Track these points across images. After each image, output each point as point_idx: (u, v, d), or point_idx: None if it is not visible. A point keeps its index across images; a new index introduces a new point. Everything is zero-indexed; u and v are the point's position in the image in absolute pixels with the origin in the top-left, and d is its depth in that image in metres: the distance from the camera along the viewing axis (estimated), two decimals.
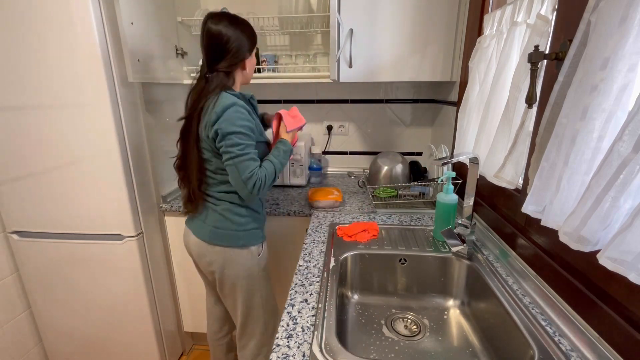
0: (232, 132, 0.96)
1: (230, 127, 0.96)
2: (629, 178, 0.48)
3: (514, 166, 0.82)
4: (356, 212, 1.33)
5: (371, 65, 1.38)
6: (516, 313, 0.74)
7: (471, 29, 1.24)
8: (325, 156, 1.94)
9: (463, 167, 1.27)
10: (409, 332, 0.90)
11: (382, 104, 1.81)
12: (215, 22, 0.99)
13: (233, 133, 0.96)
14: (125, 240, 1.35)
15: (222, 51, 1.01)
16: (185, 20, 1.55)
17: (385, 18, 1.32)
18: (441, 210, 1.06)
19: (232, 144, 0.97)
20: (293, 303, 0.79)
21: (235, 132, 0.97)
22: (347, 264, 1.01)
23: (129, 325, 1.48)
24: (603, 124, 0.55)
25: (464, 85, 1.22)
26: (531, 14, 0.80)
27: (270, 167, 1.05)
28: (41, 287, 1.47)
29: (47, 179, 1.30)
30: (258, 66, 1.60)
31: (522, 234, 0.87)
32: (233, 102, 0.97)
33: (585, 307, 0.64)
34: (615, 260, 0.49)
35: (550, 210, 0.65)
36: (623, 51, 0.50)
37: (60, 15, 1.11)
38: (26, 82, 1.19)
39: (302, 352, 0.65)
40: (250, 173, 0.98)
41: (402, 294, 1.03)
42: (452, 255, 0.99)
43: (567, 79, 0.63)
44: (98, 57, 1.14)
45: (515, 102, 0.81)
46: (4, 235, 1.43)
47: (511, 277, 0.87)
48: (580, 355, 0.62)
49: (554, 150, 0.64)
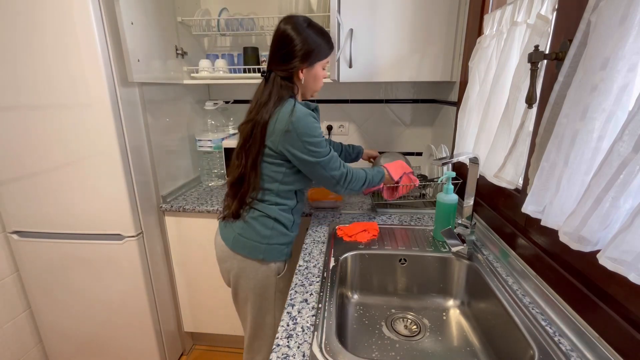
0: (314, 142, 0.96)
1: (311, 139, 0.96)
2: (629, 178, 0.48)
3: (514, 166, 0.82)
4: (356, 212, 1.33)
5: (371, 65, 1.38)
6: (516, 313, 0.74)
7: (471, 29, 1.24)
8: None
9: (463, 167, 1.27)
10: (409, 332, 0.90)
11: (382, 104, 1.81)
12: (284, 22, 0.96)
13: (315, 144, 0.97)
14: (125, 240, 1.35)
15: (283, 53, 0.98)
16: (185, 20, 1.55)
17: (385, 18, 1.32)
18: (441, 210, 1.06)
19: (320, 154, 0.98)
20: (293, 303, 0.79)
21: (317, 143, 0.97)
22: (347, 264, 1.01)
23: (129, 325, 1.48)
24: (603, 124, 0.55)
25: (464, 85, 1.22)
26: (531, 14, 0.80)
27: (359, 172, 1.08)
28: (41, 287, 1.47)
29: (47, 179, 1.30)
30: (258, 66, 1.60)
31: (522, 234, 0.87)
32: (304, 112, 0.96)
33: (585, 307, 0.64)
34: (615, 260, 0.49)
35: (550, 210, 0.65)
36: (623, 51, 0.50)
37: (60, 15, 1.11)
38: (26, 82, 1.19)
39: (302, 352, 0.65)
40: (337, 164, 1.01)
41: (402, 294, 1.03)
42: (452, 255, 0.99)
43: (567, 79, 0.63)
44: (98, 57, 1.14)
45: (515, 102, 0.81)
46: (4, 235, 1.43)
47: (511, 277, 0.87)
48: (580, 355, 0.62)
49: (554, 150, 0.64)
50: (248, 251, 1.04)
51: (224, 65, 1.59)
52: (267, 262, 1.05)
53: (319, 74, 1.03)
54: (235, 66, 1.65)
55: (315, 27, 0.98)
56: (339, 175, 1.03)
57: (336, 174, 1.02)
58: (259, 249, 1.03)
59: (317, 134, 0.97)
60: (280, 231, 1.06)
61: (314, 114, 1.00)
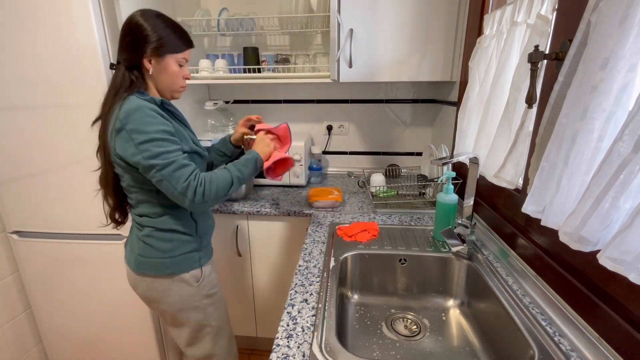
0: (145, 140, 0.81)
1: (142, 136, 0.81)
2: (629, 178, 0.48)
3: (514, 166, 0.82)
4: (356, 212, 1.33)
5: (371, 65, 1.38)
6: (516, 313, 0.74)
7: (471, 29, 1.24)
8: (325, 156, 1.94)
9: (463, 167, 1.27)
10: (409, 332, 0.90)
11: (382, 104, 1.81)
12: (134, 13, 0.88)
13: (147, 142, 0.81)
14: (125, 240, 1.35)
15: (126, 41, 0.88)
16: (185, 20, 1.55)
17: (385, 18, 1.32)
18: (441, 210, 1.06)
19: (151, 155, 0.81)
20: (293, 303, 0.79)
21: (150, 140, 0.81)
22: (347, 264, 1.01)
23: (129, 325, 1.48)
24: (603, 124, 0.55)
25: (464, 85, 1.22)
26: (531, 14, 0.80)
27: (223, 174, 0.90)
28: (41, 287, 1.47)
29: (47, 179, 1.30)
30: (258, 66, 1.60)
31: (522, 234, 0.87)
32: (138, 105, 0.82)
33: (585, 307, 0.64)
34: (615, 260, 0.49)
35: (550, 210, 0.65)
36: (623, 51, 0.50)
37: (60, 15, 1.11)
38: (26, 82, 1.19)
39: (302, 352, 0.65)
40: (186, 181, 0.83)
41: (402, 294, 1.03)
42: (452, 255, 0.99)
43: (567, 79, 0.63)
44: (98, 57, 1.14)
45: (515, 102, 0.81)
46: (4, 235, 1.43)
47: (511, 277, 0.87)
48: (580, 355, 0.62)
49: (554, 150, 0.64)
50: (155, 270, 0.95)
51: (223, 65, 1.59)
52: (178, 275, 0.96)
53: (171, 68, 0.91)
54: (235, 66, 1.65)
55: (166, 19, 0.90)
56: (185, 187, 0.84)
57: (181, 186, 0.84)
58: (164, 265, 0.94)
59: (151, 130, 0.81)
60: (182, 240, 0.96)
61: (156, 107, 0.85)
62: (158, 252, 0.94)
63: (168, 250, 0.94)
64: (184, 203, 0.86)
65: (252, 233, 1.44)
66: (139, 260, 0.95)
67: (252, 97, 1.88)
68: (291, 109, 1.87)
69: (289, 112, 1.88)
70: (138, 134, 0.81)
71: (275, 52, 1.76)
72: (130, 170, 0.88)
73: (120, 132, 0.82)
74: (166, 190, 0.85)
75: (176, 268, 0.96)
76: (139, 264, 0.95)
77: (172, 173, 0.83)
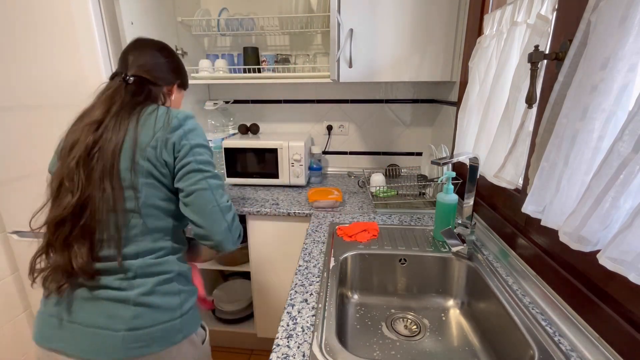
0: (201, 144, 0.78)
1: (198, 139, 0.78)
2: (629, 178, 0.48)
3: (514, 166, 0.82)
4: (356, 212, 1.33)
5: (371, 65, 1.38)
6: (516, 313, 0.74)
7: (471, 29, 1.24)
8: (325, 156, 1.94)
9: (463, 167, 1.27)
10: (409, 332, 0.90)
11: (382, 104, 1.81)
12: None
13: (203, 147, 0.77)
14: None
15: None
16: (185, 20, 1.55)
17: (385, 18, 1.32)
18: (441, 210, 1.06)
19: (204, 161, 0.76)
20: (293, 303, 0.79)
21: (206, 147, 0.78)
22: (347, 264, 1.01)
23: None
24: (603, 124, 0.55)
25: (464, 85, 1.22)
26: (531, 14, 0.80)
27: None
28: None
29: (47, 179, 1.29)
30: (258, 66, 1.61)
31: (522, 234, 0.87)
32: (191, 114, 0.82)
33: (585, 307, 0.64)
34: (615, 260, 0.49)
35: (550, 210, 0.65)
36: (623, 51, 0.50)
37: (60, 15, 1.11)
38: (26, 82, 1.19)
39: (302, 352, 0.65)
40: (229, 202, 0.77)
41: (402, 294, 1.03)
42: (452, 255, 0.99)
43: (567, 79, 0.63)
44: (98, 57, 1.14)
45: (515, 102, 0.81)
46: (4, 235, 1.43)
47: (511, 277, 0.87)
48: (580, 355, 0.62)
49: (554, 150, 0.64)
50: (160, 342, 0.70)
51: (224, 65, 1.59)
52: (187, 337, 0.76)
53: (180, 101, 0.97)
54: (235, 66, 1.65)
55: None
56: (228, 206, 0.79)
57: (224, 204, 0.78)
58: (175, 328, 0.72)
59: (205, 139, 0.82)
60: (188, 288, 0.79)
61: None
62: (167, 313, 0.72)
63: (179, 306, 0.74)
64: (221, 224, 0.75)
65: (252, 233, 1.44)
66: (133, 337, 0.68)
67: (252, 97, 1.88)
68: (291, 109, 1.88)
69: (289, 112, 1.88)
70: (195, 136, 0.77)
71: (275, 52, 1.76)
72: (153, 186, 0.73)
73: (176, 130, 0.75)
74: (203, 201, 0.74)
75: (188, 328, 0.75)
76: (132, 341, 0.68)
77: (218, 187, 0.77)
